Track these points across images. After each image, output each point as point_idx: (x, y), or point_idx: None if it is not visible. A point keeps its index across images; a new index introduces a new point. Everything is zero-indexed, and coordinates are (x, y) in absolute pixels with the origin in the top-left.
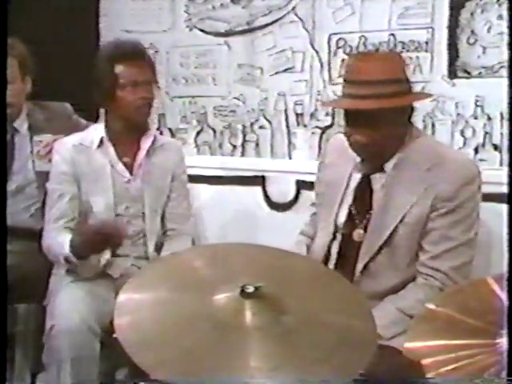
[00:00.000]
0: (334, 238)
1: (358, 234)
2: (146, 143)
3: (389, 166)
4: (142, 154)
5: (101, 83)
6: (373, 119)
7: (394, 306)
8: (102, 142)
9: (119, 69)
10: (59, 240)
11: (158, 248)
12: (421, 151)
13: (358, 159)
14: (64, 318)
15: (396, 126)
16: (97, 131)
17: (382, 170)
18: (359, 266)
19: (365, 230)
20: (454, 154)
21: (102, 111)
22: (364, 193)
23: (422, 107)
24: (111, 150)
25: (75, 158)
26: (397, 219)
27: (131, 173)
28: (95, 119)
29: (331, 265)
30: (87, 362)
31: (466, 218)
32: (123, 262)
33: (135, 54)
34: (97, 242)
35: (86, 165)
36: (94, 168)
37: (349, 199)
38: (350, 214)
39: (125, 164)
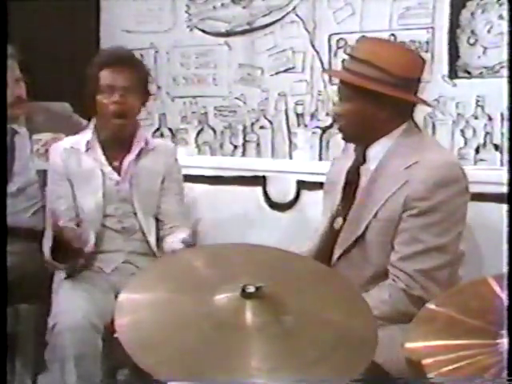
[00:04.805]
0: None
1: (337, 222)
2: (136, 147)
3: (374, 158)
4: (130, 157)
5: (86, 87)
6: (346, 92)
7: None
8: (89, 145)
9: (102, 73)
10: (46, 243)
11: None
12: (408, 148)
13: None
14: (66, 316)
15: (369, 108)
16: (86, 135)
17: (364, 159)
18: (335, 255)
19: (345, 219)
20: (435, 155)
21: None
22: (351, 183)
23: (422, 107)
24: (100, 153)
25: (66, 160)
26: (371, 214)
27: (119, 175)
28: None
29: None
30: (90, 359)
31: (440, 222)
32: (116, 258)
33: (119, 60)
34: (63, 248)
35: (76, 167)
36: (84, 170)
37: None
38: (338, 203)
39: (114, 167)
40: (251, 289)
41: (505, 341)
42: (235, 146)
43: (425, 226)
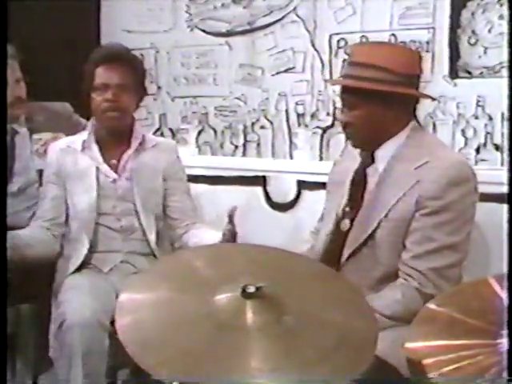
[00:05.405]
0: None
1: (344, 224)
2: (134, 142)
3: (382, 158)
4: (127, 155)
5: (82, 85)
6: (351, 99)
7: (370, 304)
8: (85, 145)
9: (97, 71)
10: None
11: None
12: (416, 148)
13: (359, 150)
14: (74, 313)
15: (377, 111)
16: (83, 135)
17: (372, 160)
18: (344, 255)
19: (352, 221)
20: (445, 154)
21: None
22: (358, 185)
23: (423, 107)
24: (96, 151)
25: (61, 160)
26: (382, 214)
27: (116, 172)
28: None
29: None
30: (97, 357)
31: (452, 221)
32: (114, 257)
33: (114, 57)
34: None
35: (72, 166)
36: (79, 169)
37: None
38: (344, 204)
39: (111, 165)
40: (251, 289)
41: (505, 341)
42: (236, 146)
43: (437, 225)
